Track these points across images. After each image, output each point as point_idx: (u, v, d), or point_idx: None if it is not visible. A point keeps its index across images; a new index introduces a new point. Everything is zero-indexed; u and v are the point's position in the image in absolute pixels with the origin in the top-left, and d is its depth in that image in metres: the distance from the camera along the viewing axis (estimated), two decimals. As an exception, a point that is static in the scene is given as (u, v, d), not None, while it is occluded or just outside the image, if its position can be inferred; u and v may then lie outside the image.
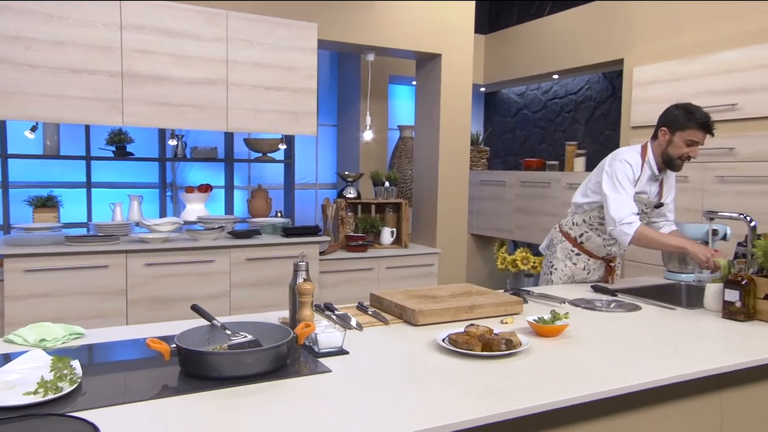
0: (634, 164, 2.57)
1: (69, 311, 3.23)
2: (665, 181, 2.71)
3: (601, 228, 2.67)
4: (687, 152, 2.51)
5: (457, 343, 1.60)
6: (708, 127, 2.50)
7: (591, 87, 5.25)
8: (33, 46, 3.16)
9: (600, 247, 2.72)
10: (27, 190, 4.20)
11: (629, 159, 2.57)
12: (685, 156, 2.53)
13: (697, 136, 2.49)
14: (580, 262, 2.76)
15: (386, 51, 4.35)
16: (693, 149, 2.52)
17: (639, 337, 1.83)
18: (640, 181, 2.59)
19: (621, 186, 2.53)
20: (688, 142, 2.50)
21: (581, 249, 2.76)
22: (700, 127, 2.49)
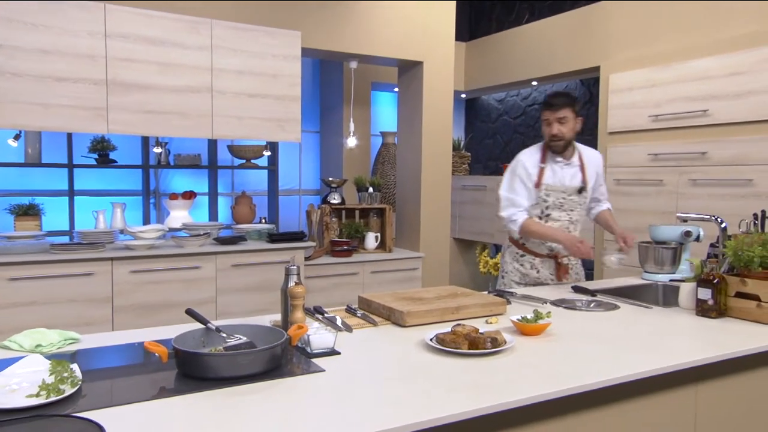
0: (530, 162, 2.76)
1: (55, 319, 3.22)
2: (586, 168, 2.82)
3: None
4: (549, 131, 2.71)
5: (445, 342, 1.66)
6: (547, 103, 2.71)
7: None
8: (17, 55, 3.17)
9: (539, 245, 2.82)
10: (8, 199, 4.18)
11: (523, 158, 2.79)
12: (550, 136, 2.72)
13: (546, 115, 2.71)
14: (526, 263, 2.86)
15: (369, 58, 4.42)
16: (549, 128, 2.70)
17: (617, 334, 1.91)
18: (546, 173, 2.74)
19: (511, 186, 2.78)
20: (545, 123, 2.72)
21: (524, 249, 2.86)
22: (544, 106, 2.73)
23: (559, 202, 2.76)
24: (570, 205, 2.78)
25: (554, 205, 2.76)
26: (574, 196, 2.78)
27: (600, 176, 2.92)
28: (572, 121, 2.71)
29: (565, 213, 2.79)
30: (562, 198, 2.76)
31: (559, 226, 2.77)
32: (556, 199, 2.75)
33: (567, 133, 2.70)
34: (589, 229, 4.42)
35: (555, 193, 2.75)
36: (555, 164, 2.77)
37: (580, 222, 2.87)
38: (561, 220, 2.79)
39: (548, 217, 2.77)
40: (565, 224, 2.79)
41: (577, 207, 2.81)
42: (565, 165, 2.78)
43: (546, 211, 2.77)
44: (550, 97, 2.73)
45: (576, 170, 2.80)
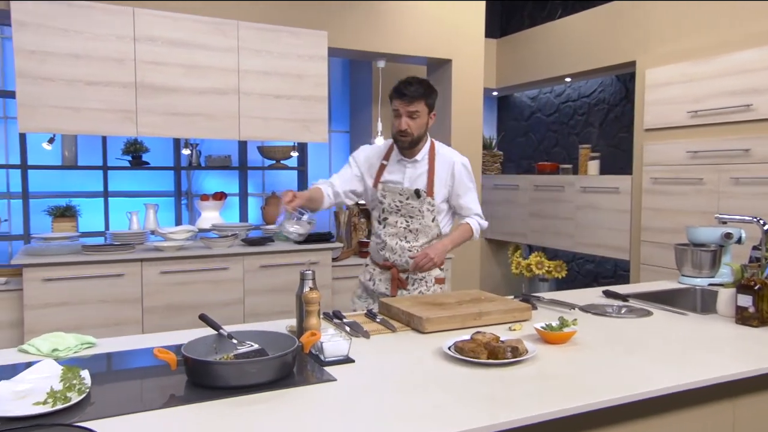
0: (370, 152, 2.51)
1: (86, 319, 3.28)
2: (436, 171, 2.42)
3: (374, 231, 2.54)
4: (396, 125, 2.34)
5: (463, 350, 1.60)
6: (398, 91, 2.30)
7: (604, 89, 5.21)
8: (49, 60, 3.23)
9: (376, 252, 2.53)
10: (47, 200, 4.29)
11: (366, 146, 2.57)
12: (396, 130, 2.34)
13: (396, 105, 2.32)
14: (366, 272, 2.58)
15: (397, 57, 4.37)
16: (398, 120, 2.32)
17: (649, 343, 1.81)
18: (386, 170, 2.44)
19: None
20: (394, 114, 2.35)
21: (369, 258, 2.60)
22: (394, 94, 2.32)
23: (395, 206, 2.42)
24: (408, 211, 2.40)
25: (390, 208, 2.42)
26: (412, 201, 2.39)
27: (462, 184, 2.47)
28: (425, 116, 2.35)
29: (403, 219, 2.42)
30: (399, 201, 2.41)
31: (395, 233, 2.43)
32: (392, 201, 2.42)
33: (416, 129, 2.33)
34: (624, 226, 4.28)
35: (391, 194, 2.41)
36: (398, 163, 2.43)
37: (423, 234, 2.43)
38: (398, 227, 2.43)
39: (385, 222, 2.45)
40: (401, 232, 2.42)
41: (416, 214, 2.40)
42: (409, 165, 2.42)
43: (383, 214, 2.45)
44: (402, 85, 2.30)
45: (420, 172, 2.42)
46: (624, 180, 4.34)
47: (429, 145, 2.47)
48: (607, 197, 4.46)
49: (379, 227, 2.49)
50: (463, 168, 2.49)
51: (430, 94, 2.36)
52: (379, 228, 2.48)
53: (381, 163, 2.45)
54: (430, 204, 2.40)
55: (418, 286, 2.47)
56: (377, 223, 2.49)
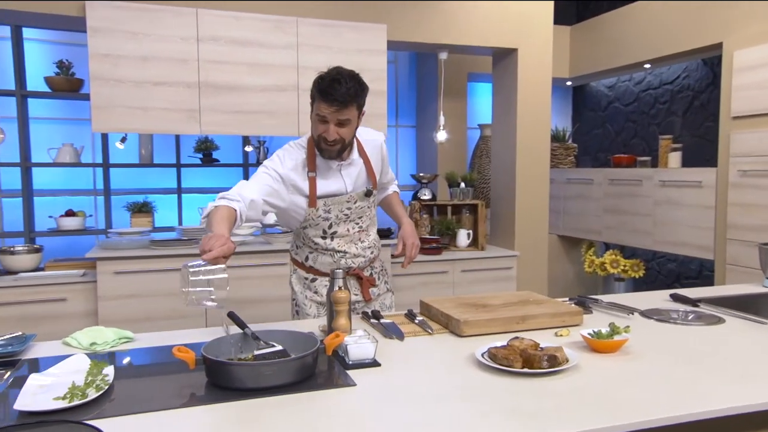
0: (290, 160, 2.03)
1: (154, 311, 3.43)
2: (371, 161, 2.16)
3: (319, 247, 2.16)
4: (322, 131, 1.94)
5: (496, 358, 1.50)
6: (324, 92, 1.86)
7: (689, 75, 4.83)
8: (120, 63, 3.38)
9: (331, 264, 2.17)
10: (126, 197, 4.52)
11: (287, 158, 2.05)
12: (321, 138, 1.95)
13: (322, 109, 1.90)
14: (321, 287, 2.20)
15: (459, 48, 4.24)
16: (324, 126, 1.92)
17: (712, 355, 1.63)
18: (319, 183, 2.05)
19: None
20: (318, 118, 1.94)
21: (315, 273, 2.21)
22: (319, 95, 1.89)
23: (344, 215, 2.12)
24: (358, 213, 2.15)
25: (338, 218, 2.12)
26: (361, 202, 2.13)
27: (386, 162, 2.26)
28: (355, 120, 1.98)
29: (353, 223, 2.16)
30: (348, 209, 2.12)
31: (350, 239, 2.16)
32: (339, 211, 2.10)
33: (347, 136, 1.98)
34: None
35: (337, 205, 2.09)
36: (330, 169, 2.07)
37: (372, 225, 2.25)
38: (351, 233, 2.16)
39: (335, 234, 2.13)
40: (356, 236, 2.17)
41: (366, 212, 2.18)
42: (344, 167, 2.10)
43: (330, 229, 2.12)
44: (329, 85, 1.86)
45: (359, 169, 2.13)
46: (708, 173, 4.00)
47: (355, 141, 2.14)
48: (689, 192, 4.13)
49: (326, 242, 2.14)
50: (384, 145, 2.26)
51: (362, 93, 1.95)
52: (327, 242, 2.14)
53: (308, 176, 2.04)
54: (374, 195, 2.20)
55: (381, 276, 2.31)
56: (322, 239, 2.14)
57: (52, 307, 3.31)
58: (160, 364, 1.58)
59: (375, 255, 2.28)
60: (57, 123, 4.41)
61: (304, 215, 2.08)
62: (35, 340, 1.69)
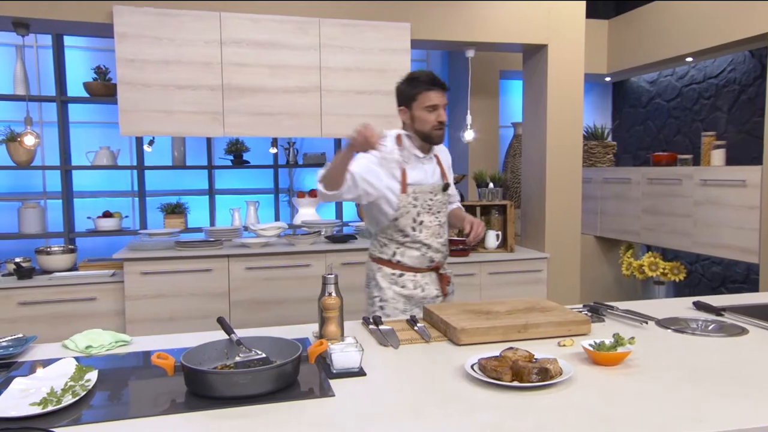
0: (380, 160, 2.28)
1: (179, 311, 3.49)
2: (442, 163, 2.44)
3: (407, 240, 2.33)
4: (434, 119, 2.26)
5: (486, 369, 1.44)
6: (435, 82, 2.24)
7: (735, 68, 4.57)
8: (145, 67, 3.45)
9: (418, 258, 2.36)
10: (161, 198, 4.63)
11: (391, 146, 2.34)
12: (436, 124, 2.27)
13: (433, 98, 2.24)
14: (408, 282, 2.37)
15: (486, 45, 4.14)
16: (436, 113, 2.25)
17: (725, 371, 1.51)
18: (410, 173, 2.30)
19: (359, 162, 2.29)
20: (428, 108, 2.25)
21: (402, 268, 2.37)
22: (429, 86, 2.24)
23: (428, 205, 2.33)
24: (438, 207, 2.37)
25: (424, 208, 2.32)
26: (440, 196, 2.37)
27: (451, 174, 2.53)
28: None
29: (434, 217, 2.36)
30: (430, 200, 2.34)
31: (434, 233, 2.36)
32: (425, 201, 2.32)
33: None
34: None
35: (423, 194, 2.32)
36: (416, 162, 2.34)
37: (447, 224, 2.46)
38: (433, 226, 2.35)
39: (422, 225, 2.32)
40: (437, 230, 2.37)
41: (443, 208, 2.40)
42: (425, 161, 2.37)
43: (418, 218, 2.31)
44: (432, 77, 2.26)
45: (435, 166, 2.41)
46: (753, 171, 3.77)
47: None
48: (732, 191, 3.91)
49: (415, 233, 2.33)
50: (450, 158, 2.57)
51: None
52: (416, 234, 2.33)
53: (401, 167, 2.31)
54: (449, 195, 2.44)
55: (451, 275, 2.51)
56: (410, 230, 2.32)
57: (82, 306, 3.41)
58: (148, 369, 1.58)
59: (448, 254, 2.48)
60: (95, 126, 4.55)
61: (396, 203, 2.29)
62: (36, 341, 1.73)
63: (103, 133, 4.50)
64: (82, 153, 4.32)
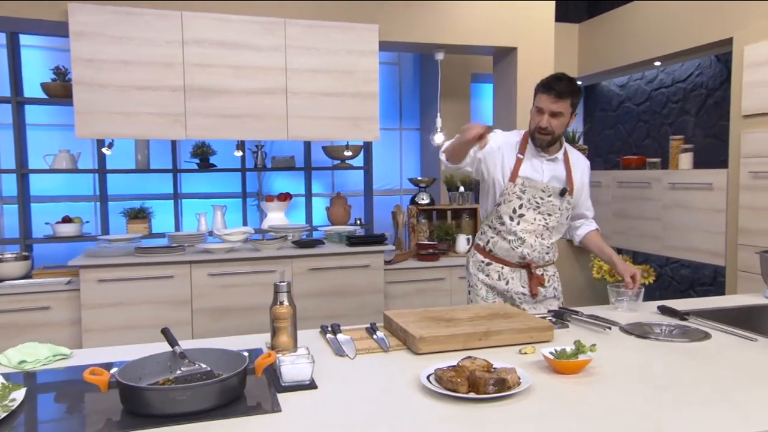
0: (506, 140, 2.37)
1: (138, 320, 3.37)
2: (573, 169, 2.39)
3: (503, 229, 2.37)
4: (537, 121, 2.27)
5: (441, 380, 1.37)
6: (549, 86, 2.21)
7: (702, 72, 4.61)
8: (104, 67, 3.34)
9: (508, 250, 2.39)
10: (123, 203, 4.49)
11: (503, 135, 2.41)
12: (536, 127, 2.28)
13: (542, 101, 2.24)
14: (493, 272, 2.43)
15: (456, 48, 4.11)
16: (540, 117, 2.25)
17: (688, 378, 1.47)
18: (524, 165, 2.33)
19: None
20: (536, 109, 2.28)
21: (491, 258, 2.44)
22: (543, 88, 2.24)
23: (536, 202, 2.34)
24: (548, 208, 2.35)
25: (530, 203, 2.34)
26: (554, 199, 2.34)
27: (586, 187, 2.48)
28: (567, 116, 2.27)
29: (541, 216, 2.35)
30: (540, 198, 2.33)
31: (533, 230, 2.35)
32: (532, 196, 2.33)
33: (558, 128, 2.26)
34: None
35: (532, 189, 2.33)
36: (536, 158, 2.35)
37: (557, 231, 2.41)
38: (535, 224, 2.35)
39: (521, 218, 2.34)
40: (539, 230, 2.36)
41: (556, 212, 2.36)
42: (548, 161, 2.36)
43: (519, 210, 2.34)
44: (552, 79, 2.24)
45: (560, 169, 2.38)
46: (718, 174, 3.79)
47: (563, 145, 2.42)
48: (699, 194, 3.93)
49: (512, 223, 2.35)
50: (589, 170, 2.51)
51: (577, 93, 2.27)
52: (513, 224, 2.35)
53: (517, 156, 2.35)
54: (569, 203, 2.38)
55: (552, 282, 2.47)
56: (509, 219, 2.35)
57: (36, 316, 3.27)
58: (84, 385, 1.48)
59: (551, 260, 2.46)
60: (55, 129, 4.40)
61: (501, 190, 2.34)
62: (-32, 356, 1.61)
63: (63, 136, 4.35)
64: (40, 156, 4.17)
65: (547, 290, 2.44)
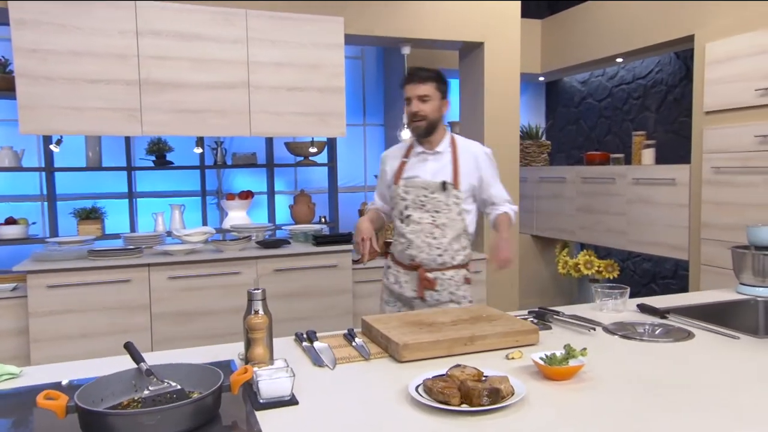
0: (391, 155, 2.47)
1: (92, 327, 3.17)
2: (459, 161, 2.34)
3: (396, 232, 2.40)
4: (406, 110, 2.32)
5: (432, 392, 1.29)
6: (409, 75, 2.30)
7: (662, 69, 4.68)
8: (49, 58, 3.12)
9: (401, 252, 2.37)
10: (75, 203, 4.24)
11: (387, 151, 2.53)
12: (409, 115, 2.31)
13: (407, 90, 2.30)
14: (391, 275, 2.44)
15: (423, 42, 4.04)
16: (408, 106, 2.30)
17: (682, 379, 1.44)
18: (407, 166, 2.37)
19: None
20: (406, 102, 2.32)
21: (393, 261, 2.46)
22: (405, 80, 2.31)
23: (420, 201, 2.31)
24: (434, 205, 2.30)
25: (415, 203, 2.31)
26: (438, 194, 2.29)
27: (489, 175, 2.41)
28: (437, 100, 2.29)
29: (428, 214, 2.31)
30: (424, 196, 2.31)
31: (421, 230, 2.31)
32: (416, 196, 2.31)
33: (430, 112, 2.27)
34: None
35: (414, 189, 2.32)
36: (417, 156, 2.37)
37: (451, 228, 2.31)
38: (422, 223, 2.31)
39: (408, 219, 2.32)
40: (427, 228, 2.31)
41: (443, 208, 2.30)
42: (430, 156, 2.36)
43: (405, 211, 2.33)
44: (412, 69, 2.33)
45: (444, 164, 2.34)
46: (681, 170, 3.84)
47: (449, 138, 2.40)
48: (663, 190, 3.97)
49: (401, 225, 2.34)
50: (488, 158, 2.42)
51: (440, 79, 2.31)
52: (402, 226, 2.34)
53: (402, 160, 2.39)
54: (456, 197, 2.31)
55: (447, 286, 2.33)
56: (399, 222, 2.35)
57: (-21, 325, 3.04)
58: (39, 410, 1.34)
59: (449, 263, 2.32)
60: (-4, 125, 4.13)
61: (392, 194, 2.38)
62: None
63: (5, 132, 4.08)
64: (-22, 154, 3.89)
65: (441, 294, 2.33)
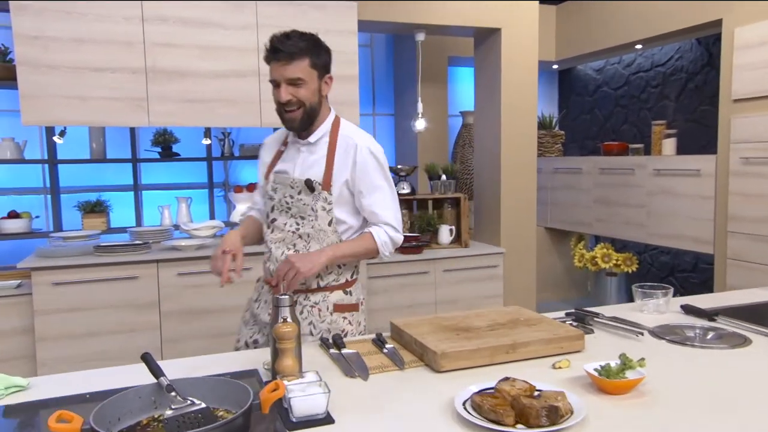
0: (270, 141, 1.98)
1: (100, 326, 3.06)
2: (336, 157, 1.79)
3: (264, 234, 1.91)
4: (277, 98, 1.74)
5: (482, 409, 1.17)
6: (273, 50, 1.69)
7: (682, 56, 4.53)
8: (52, 46, 2.98)
9: (264, 265, 1.94)
10: (79, 195, 4.12)
11: (268, 138, 2.01)
12: (278, 105, 1.75)
13: (273, 72, 1.72)
14: (255, 291, 1.99)
15: (437, 29, 3.89)
16: (275, 91, 1.73)
17: (745, 394, 1.32)
18: (285, 154, 1.88)
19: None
20: (273, 85, 1.75)
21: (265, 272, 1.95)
22: (268, 56, 1.72)
23: (286, 202, 1.81)
24: (299, 209, 1.79)
25: (281, 205, 1.82)
26: (305, 196, 1.78)
27: (366, 178, 1.80)
28: (314, 81, 1.74)
29: (293, 220, 1.81)
30: (290, 196, 1.80)
31: (282, 238, 1.82)
32: (283, 196, 1.81)
33: (307, 98, 1.72)
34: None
35: (282, 187, 1.82)
36: (293, 146, 1.87)
37: (317, 241, 1.79)
38: (285, 230, 1.82)
39: (273, 224, 1.85)
40: (289, 238, 1.81)
41: (308, 213, 1.78)
42: (303, 147, 1.84)
43: (271, 214, 1.85)
44: (277, 41, 1.70)
45: (317, 157, 1.81)
46: (707, 160, 3.71)
47: (331, 124, 1.85)
48: (686, 181, 3.84)
49: (267, 231, 1.88)
50: (370, 155, 1.81)
51: (315, 50, 1.74)
52: (267, 232, 1.87)
53: (278, 149, 1.91)
54: (326, 201, 1.78)
55: (308, 315, 1.81)
56: (266, 227, 1.88)
57: (-18, 324, 2.93)
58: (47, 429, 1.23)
59: (308, 282, 1.81)
60: (-2, 115, 4.00)
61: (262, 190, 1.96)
62: None
63: (7, 123, 3.94)
64: (-22, 146, 3.76)
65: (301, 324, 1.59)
